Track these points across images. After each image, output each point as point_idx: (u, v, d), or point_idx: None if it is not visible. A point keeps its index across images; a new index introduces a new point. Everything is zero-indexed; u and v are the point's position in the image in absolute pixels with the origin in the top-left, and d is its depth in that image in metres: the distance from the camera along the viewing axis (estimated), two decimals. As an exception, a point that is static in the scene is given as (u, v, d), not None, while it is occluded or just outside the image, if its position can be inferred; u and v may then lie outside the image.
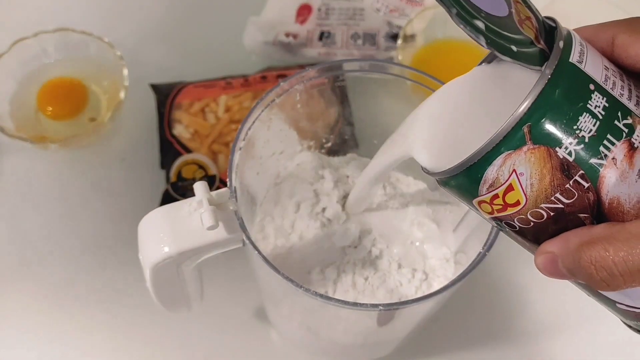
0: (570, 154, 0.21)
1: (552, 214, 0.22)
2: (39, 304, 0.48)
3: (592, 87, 0.21)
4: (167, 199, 0.50)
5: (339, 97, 0.46)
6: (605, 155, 0.21)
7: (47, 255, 0.49)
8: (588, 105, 0.21)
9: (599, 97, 0.21)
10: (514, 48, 0.21)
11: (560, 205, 0.21)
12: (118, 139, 0.55)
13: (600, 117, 0.21)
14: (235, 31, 0.59)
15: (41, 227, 0.51)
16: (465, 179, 0.23)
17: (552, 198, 0.21)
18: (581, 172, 0.21)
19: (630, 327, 0.26)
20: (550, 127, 0.21)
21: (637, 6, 0.57)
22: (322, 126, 0.44)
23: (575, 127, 0.21)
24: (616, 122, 0.21)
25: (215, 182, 0.51)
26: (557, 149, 0.21)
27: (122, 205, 0.51)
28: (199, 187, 0.31)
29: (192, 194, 0.31)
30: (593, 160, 0.21)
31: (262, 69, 0.57)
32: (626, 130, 0.21)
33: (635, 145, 0.21)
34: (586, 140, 0.21)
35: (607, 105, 0.21)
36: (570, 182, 0.21)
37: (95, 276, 0.48)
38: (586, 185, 0.21)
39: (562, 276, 0.22)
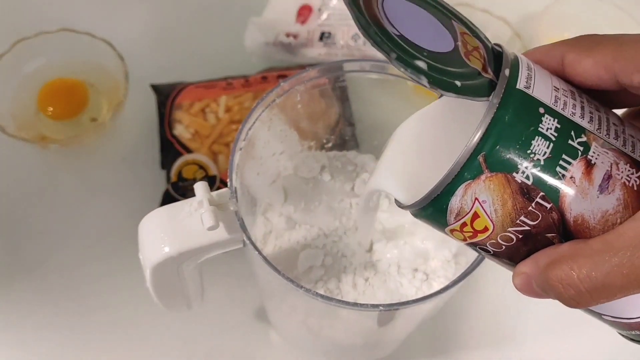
0: (527, 177, 0.21)
1: (520, 236, 0.22)
2: (39, 304, 0.48)
3: (541, 110, 0.21)
4: (167, 199, 0.50)
5: (340, 98, 0.46)
6: (563, 175, 0.21)
7: (48, 255, 0.49)
8: (539, 129, 0.21)
9: (549, 120, 0.21)
10: (458, 83, 0.21)
11: (527, 227, 0.22)
12: (118, 139, 0.55)
13: (553, 138, 0.21)
14: (235, 32, 0.60)
15: (41, 227, 0.51)
16: (433, 211, 0.23)
17: (518, 221, 0.22)
18: (541, 193, 0.21)
19: (623, 336, 0.26)
20: (504, 154, 0.21)
21: (637, 6, 0.57)
22: (323, 127, 0.45)
23: (529, 151, 0.21)
24: (570, 141, 0.21)
25: (215, 182, 0.51)
26: (515, 174, 0.21)
27: (123, 205, 0.51)
28: (200, 187, 0.31)
29: (193, 194, 0.31)
30: (551, 181, 0.21)
31: (263, 69, 0.57)
32: (581, 148, 0.21)
33: (593, 162, 0.21)
34: (542, 162, 0.21)
35: (558, 126, 0.21)
36: (533, 205, 0.21)
37: (96, 276, 0.48)
38: (548, 206, 0.21)
39: (539, 295, 0.23)
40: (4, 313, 0.47)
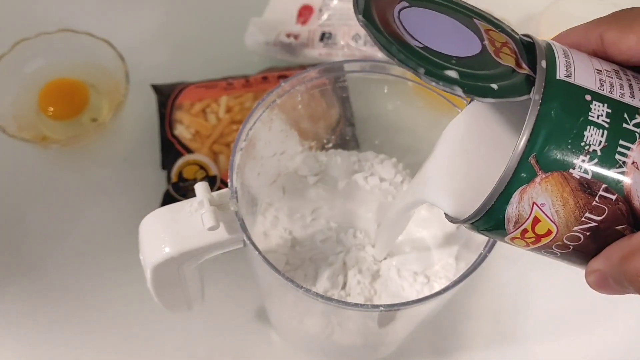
0: (586, 172, 0.20)
1: (588, 233, 0.21)
2: (39, 303, 0.48)
3: (588, 97, 0.20)
4: (168, 199, 0.50)
5: (340, 98, 0.46)
6: (624, 162, 0.20)
7: (48, 255, 0.49)
8: (590, 118, 0.20)
9: (598, 106, 0.20)
10: (495, 86, 0.20)
11: (594, 224, 0.20)
12: (119, 139, 0.55)
13: (606, 125, 0.20)
14: (236, 32, 0.59)
15: (42, 227, 0.51)
16: (489, 222, 0.22)
17: (583, 219, 0.20)
18: (604, 186, 0.20)
19: None
20: (556, 152, 0.20)
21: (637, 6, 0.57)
22: (324, 127, 0.44)
23: (582, 143, 0.20)
24: (625, 124, 0.20)
25: (216, 182, 0.51)
26: (571, 170, 0.20)
27: (123, 205, 0.51)
28: (200, 187, 0.31)
29: (193, 195, 0.31)
30: (612, 171, 0.20)
31: (263, 69, 0.57)
32: (638, 130, 0.20)
33: None
34: (598, 153, 0.20)
35: (609, 111, 0.20)
36: (596, 199, 0.20)
37: (96, 276, 0.48)
38: (613, 197, 0.20)
39: (617, 291, 0.21)
40: (4, 313, 0.47)
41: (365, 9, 0.21)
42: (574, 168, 0.20)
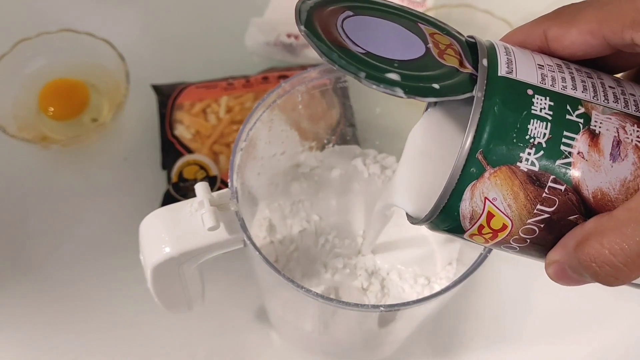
0: (533, 164, 0.20)
1: (542, 225, 0.21)
2: (39, 304, 0.48)
3: (530, 92, 0.20)
4: (168, 199, 0.50)
5: (341, 98, 0.46)
6: (570, 153, 0.20)
7: (48, 255, 0.49)
8: (532, 111, 0.20)
9: (541, 99, 0.20)
10: (436, 86, 0.21)
11: (547, 215, 0.21)
12: (119, 139, 0.55)
13: (550, 117, 0.20)
14: (237, 32, 0.60)
15: (42, 227, 0.51)
16: (446, 220, 0.22)
17: (535, 211, 0.21)
18: (552, 177, 0.20)
19: None
20: (502, 147, 0.20)
21: None
22: (324, 127, 0.44)
23: (527, 137, 0.20)
24: (568, 116, 0.20)
25: (216, 182, 0.51)
26: (519, 163, 0.20)
27: (123, 205, 0.51)
28: (200, 187, 0.31)
29: (193, 195, 0.31)
30: (559, 162, 0.20)
31: (264, 69, 0.57)
32: (581, 120, 0.20)
33: (597, 132, 0.20)
34: (544, 145, 0.20)
35: (552, 103, 0.20)
36: (546, 191, 0.20)
37: (96, 276, 0.48)
38: (562, 188, 0.20)
39: (576, 281, 0.21)
40: (4, 312, 0.47)
41: (307, 19, 0.22)
42: (521, 161, 0.20)
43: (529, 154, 0.20)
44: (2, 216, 0.51)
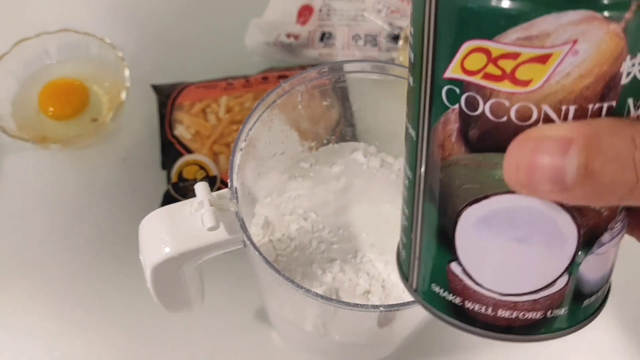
0: None
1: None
2: (39, 303, 0.48)
3: None
4: (168, 199, 0.50)
5: (340, 98, 0.46)
6: None
7: (48, 255, 0.49)
8: None
9: None
10: None
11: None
12: (119, 139, 0.55)
13: None
14: (236, 32, 0.60)
15: (42, 227, 0.51)
16: (497, 8, 0.15)
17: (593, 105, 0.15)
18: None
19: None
20: None
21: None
22: (323, 127, 0.44)
23: None
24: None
25: (216, 182, 0.51)
26: None
27: (123, 205, 0.51)
28: (200, 187, 0.31)
29: (193, 195, 0.31)
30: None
31: (264, 69, 0.57)
32: None
33: None
34: None
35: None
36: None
37: (96, 276, 0.48)
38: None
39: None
40: (4, 313, 0.47)
41: None
42: None
43: None
44: (1, 216, 0.51)
